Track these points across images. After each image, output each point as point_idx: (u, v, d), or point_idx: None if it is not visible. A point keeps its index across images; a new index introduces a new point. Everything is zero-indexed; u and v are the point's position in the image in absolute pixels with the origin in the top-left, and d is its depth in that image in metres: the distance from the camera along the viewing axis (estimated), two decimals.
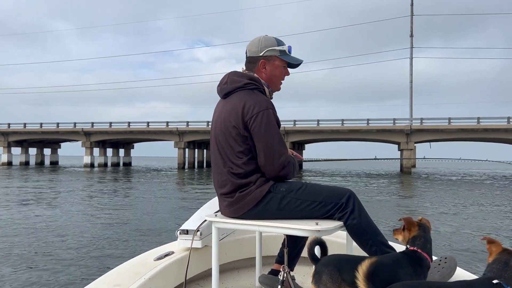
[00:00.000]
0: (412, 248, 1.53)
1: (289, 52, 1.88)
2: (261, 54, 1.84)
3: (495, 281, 1.25)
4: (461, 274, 1.76)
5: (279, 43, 1.86)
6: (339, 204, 1.70)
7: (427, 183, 23.49)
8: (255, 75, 1.85)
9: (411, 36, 53.66)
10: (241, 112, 1.72)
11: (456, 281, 1.30)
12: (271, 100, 1.87)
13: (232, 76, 1.84)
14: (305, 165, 65.44)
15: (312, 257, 1.49)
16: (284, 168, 1.74)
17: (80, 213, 10.01)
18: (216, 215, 1.84)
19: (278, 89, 1.93)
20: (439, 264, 1.76)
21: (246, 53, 1.88)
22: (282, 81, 1.91)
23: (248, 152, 1.74)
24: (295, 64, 1.91)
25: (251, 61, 1.86)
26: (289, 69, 1.93)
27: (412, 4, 54.47)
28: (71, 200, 12.66)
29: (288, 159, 1.76)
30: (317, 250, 1.59)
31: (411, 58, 53.16)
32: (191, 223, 2.07)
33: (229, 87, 1.81)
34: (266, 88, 1.85)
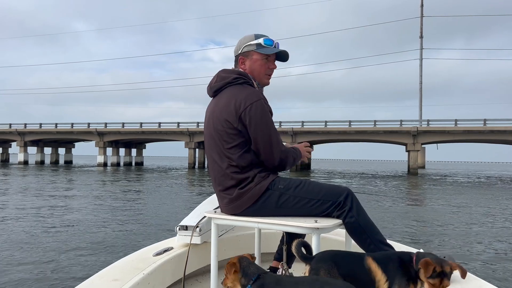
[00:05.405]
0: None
1: (274, 46, 1.88)
2: (239, 52, 1.90)
3: None
4: (458, 274, 1.74)
5: (257, 37, 1.88)
6: (337, 203, 1.70)
7: (431, 184, 23.23)
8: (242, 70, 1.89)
9: (421, 37, 53.07)
10: (234, 106, 1.74)
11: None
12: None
13: (220, 73, 1.89)
14: (312, 165, 65.11)
15: (303, 257, 1.49)
16: (282, 159, 1.77)
17: (86, 208, 10.12)
18: (215, 212, 1.86)
19: (265, 83, 1.92)
20: None
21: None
22: (268, 75, 1.91)
23: (244, 146, 1.75)
24: (282, 56, 1.92)
25: (235, 59, 1.94)
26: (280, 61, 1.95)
27: (422, 5, 53.83)
28: (80, 196, 12.84)
29: (285, 148, 1.79)
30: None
31: (421, 59, 52.66)
32: (190, 219, 2.08)
33: (219, 84, 1.85)
34: (254, 82, 1.87)
